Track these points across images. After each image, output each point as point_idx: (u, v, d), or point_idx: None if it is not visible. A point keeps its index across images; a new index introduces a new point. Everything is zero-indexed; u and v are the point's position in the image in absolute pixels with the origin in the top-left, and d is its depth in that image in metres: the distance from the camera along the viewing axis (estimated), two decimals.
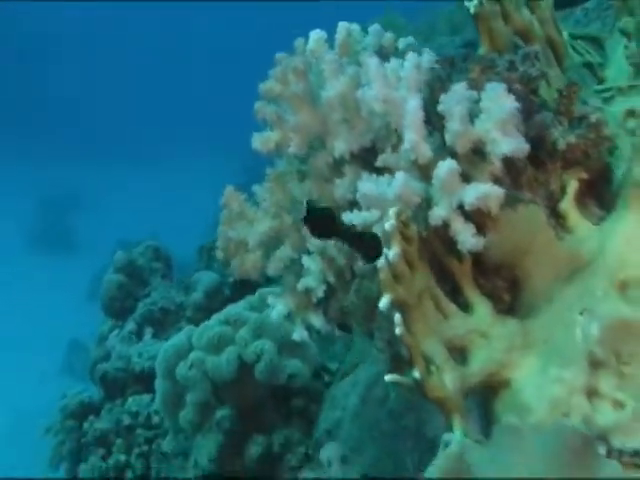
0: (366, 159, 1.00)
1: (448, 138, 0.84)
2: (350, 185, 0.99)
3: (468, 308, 0.90)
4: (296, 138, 1.02)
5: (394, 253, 0.80)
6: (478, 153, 0.86)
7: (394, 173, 0.87)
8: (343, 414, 1.72)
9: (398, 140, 0.92)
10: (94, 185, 7.88)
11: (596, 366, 0.82)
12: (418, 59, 0.91)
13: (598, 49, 1.34)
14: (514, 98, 0.82)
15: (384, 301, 0.79)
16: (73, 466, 2.51)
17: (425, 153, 0.85)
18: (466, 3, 0.99)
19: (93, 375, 2.74)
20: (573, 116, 0.98)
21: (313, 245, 1.03)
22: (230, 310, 2.03)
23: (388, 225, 0.80)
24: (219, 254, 1.12)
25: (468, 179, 0.86)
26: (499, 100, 0.81)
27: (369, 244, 0.87)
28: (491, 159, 0.84)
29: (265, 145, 1.04)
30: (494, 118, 0.81)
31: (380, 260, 0.79)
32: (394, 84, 0.90)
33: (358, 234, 0.91)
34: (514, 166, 0.93)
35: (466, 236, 0.83)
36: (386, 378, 0.82)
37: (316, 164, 1.05)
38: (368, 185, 0.87)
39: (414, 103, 0.85)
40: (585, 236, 0.92)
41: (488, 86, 0.83)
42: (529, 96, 0.97)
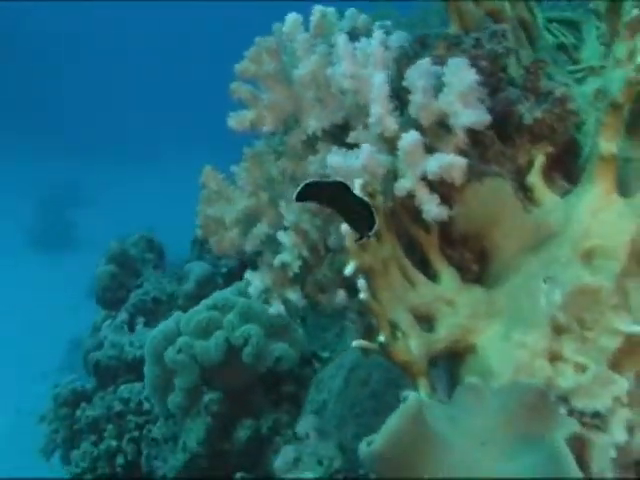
0: (338, 136, 1.02)
1: (412, 111, 0.86)
2: (323, 161, 1.01)
3: (435, 278, 0.92)
4: (270, 116, 1.04)
5: None
6: (443, 126, 0.89)
7: None
8: (329, 396, 1.74)
9: (369, 117, 0.94)
10: (94, 183, 7.86)
11: (559, 331, 0.85)
12: (385, 37, 0.93)
13: (575, 32, 1.36)
14: (475, 71, 0.84)
15: (349, 268, 0.81)
16: (67, 453, 2.53)
17: (390, 126, 0.87)
18: None
19: (86, 364, 2.76)
20: (540, 92, 1.00)
21: (288, 221, 1.05)
22: (218, 295, 2.05)
23: None
24: (198, 232, 1.14)
25: (434, 152, 0.88)
26: (460, 73, 0.83)
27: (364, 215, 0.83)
28: (455, 131, 0.86)
29: (240, 123, 1.06)
30: (455, 91, 0.83)
31: (345, 227, 0.81)
32: (363, 62, 0.92)
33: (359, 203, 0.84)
34: (481, 141, 0.95)
35: (430, 206, 0.85)
36: (353, 344, 0.84)
37: (291, 142, 1.07)
38: (336, 158, 0.90)
39: (379, 78, 0.87)
40: (551, 208, 0.94)
41: (450, 61, 0.85)
42: (496, 73, 0.99)
